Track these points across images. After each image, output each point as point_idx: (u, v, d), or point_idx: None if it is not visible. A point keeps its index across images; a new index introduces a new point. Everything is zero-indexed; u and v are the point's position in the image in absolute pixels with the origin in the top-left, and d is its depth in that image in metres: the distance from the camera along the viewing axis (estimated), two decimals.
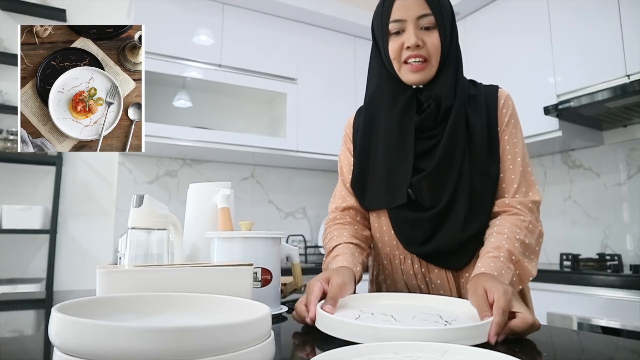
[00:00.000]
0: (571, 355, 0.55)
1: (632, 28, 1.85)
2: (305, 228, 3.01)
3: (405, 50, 0.86)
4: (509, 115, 0.90)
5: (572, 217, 2.38)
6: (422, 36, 0.85)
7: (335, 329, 0.55)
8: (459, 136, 0.86)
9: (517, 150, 0.88)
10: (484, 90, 0.93)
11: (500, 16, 2.45)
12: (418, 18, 0.84)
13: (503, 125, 0.89)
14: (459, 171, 0.86)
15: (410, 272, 0.91)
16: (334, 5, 2.78)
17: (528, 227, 0.82)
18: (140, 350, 0.32)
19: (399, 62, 0.87)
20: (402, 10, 0.85)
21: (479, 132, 0.87)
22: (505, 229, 0.81)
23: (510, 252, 0.76)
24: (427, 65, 0.86)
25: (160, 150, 2.48)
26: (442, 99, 0.86)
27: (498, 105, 0.90)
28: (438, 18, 0.85)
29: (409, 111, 0.89)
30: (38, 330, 0.71)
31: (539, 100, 2.08)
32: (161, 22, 2.38)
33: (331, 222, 0.98)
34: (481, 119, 0.88)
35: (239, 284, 0.58)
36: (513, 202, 0.85)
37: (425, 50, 0.85)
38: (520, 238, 0.79)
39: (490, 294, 0.61)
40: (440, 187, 0.86)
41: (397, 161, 0.89)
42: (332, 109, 2.78)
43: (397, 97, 0.90)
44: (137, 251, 0.78)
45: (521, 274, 0.78)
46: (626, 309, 1.55)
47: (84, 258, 2.36)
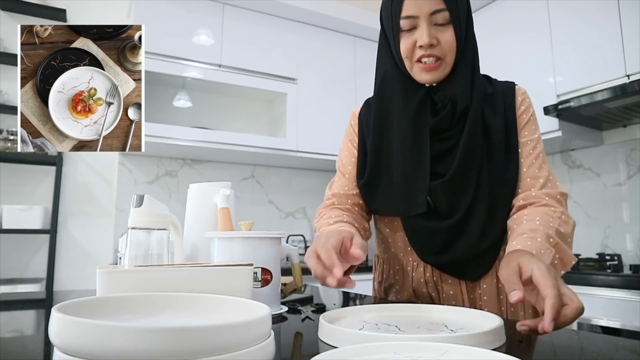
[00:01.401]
0: (571, 355, 0.55)
1: (632, 28, 1.85)
2: (305, 228, 3.01)
3: (418, 49, 0.80)
4: (528, 112, 0.86)
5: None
6: (436, 34, 0.78)
7: (338, 339, 0.53)
8: (477, 140, 0.81)
9: (538, 146, 0.84)
10: (500, 88, 0.88)
11: (500, 16, 2.45)
12: (432, 14, 0.78)
13: (523, 122, 0.85)
14: (477, 178, 0.81)
15: (421, 280, 0.87)
16: (334, 5, 2.78)
17: (561, 217, 0.76)
18: (140, 350, 0.32)
19: (411, 61, 0.82)
20: (414, 6, 0.78)
21: (497, 134, 0.83)
22: (537, 216, 0.74)
23: (548, 235, 0.69)
24: (441, 64, 0.80)
25: (160, 150, 2.48)
26: (457, 99, 0.81)
27: (516, 103, 0.86)
28: (453, 13, 0.78)
29: (423, 112, 0.83)
30: (38, 330, 0.71)
31: (539, 100, 2.08)
32: (161, 22, 2.38)
33: (329, 205, 0.92)
34: (499, 120, 0.83)
35: (239, 284, 0.58)
36: (540, 195, 0.80)
37: (439, 49, 0.79)
38: (554, 226, 0.73)
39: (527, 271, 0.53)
40: (459, 194, 0.81)
41: (414, 166, 0.84)
42: (332, 109, 2.78)
43: (409, 96, 0.84)
44: (137, 251, 0.78)
45: (562, 257, 0.70)
46: (626, 309, 1.55)
47: (84, 258, 2.36)
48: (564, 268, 0.71)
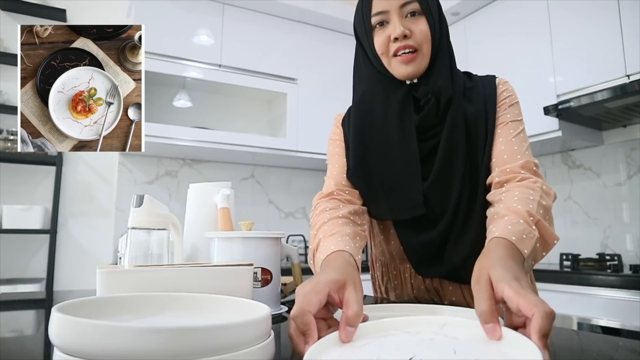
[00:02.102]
0: (571, 355, 0.55)
1: (632, 28, 1.85)
2: (305, 228, 3.01)
3: (392, 42, 0.79)
4: (511, 100, 0.83)
5: (572, 217, 2.38)
6: (408, 25, 0.78)
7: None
8: (458, 135, 0.79)
9: (520, 127, 0.81)
10: (480, 81, 0.85)
11: (500, 16, 2.45)
12: (401, 6, 0.78)
13: (505, 107, 0.82)
14: (462, 174, 0.79)
15: (421, 287, 0.86)
16: (334, 5, 2.78)
17: (542, 187, 0.72)
18: (140, 350, 0.32)
19: (388, 56, 0.80)
20: (383, 1, 0.79)
21: (477, 125, 0.81)
22: (515, 192, 0.70)
23: (529, 212, 0.64)
24: (419, 55, 0.78)
25: (160, 150, 2.48)
26: (440, 91, 0.79)
27: (497, 92, 0.83)
28: (423, 3, 0.78)
29: (407, 110, 0.81)
30: (38, 330, 0.71)
31: (539, 100, 2.08)
32: (161, 22, 2.38)
33: (326, 195, 0.85)
34: (479, 112, 0.81)
35: (239, 284, 0.58)
36: (515, 167, 0.75)
37: (414, 40, 0.78)
38: (535, 199, 0.68)
39: (498, 292, 0.46)
40: (445, 196, 0.79)
41: (401, 170, 0.81)
42: (332, 109, 2.74)
43: (391, 96, 0.82)
44: (137, 251, 0.78)
45: (545, 236, 0.65)
46: (626, 309, 1.55)
47: (84, 258, 2.36)
48: (546, 248, 0.67)
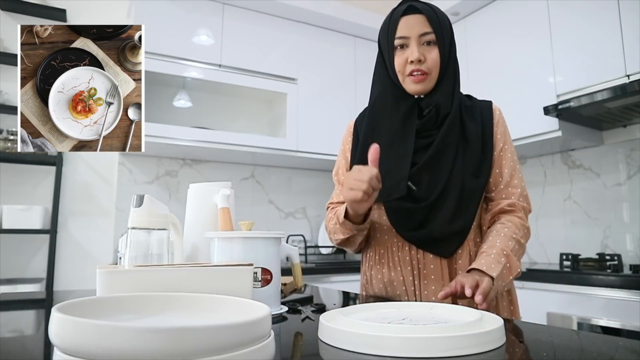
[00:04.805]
0: (571, 355, 0.55)
1: (632, 28, 1.85)
2: (305, 228, 3.01)
3: (408, 64, 0.97)
4: (504, 128, 1.04)
5: (572, 217, 2.38)
6: (423, 52, 0.96)
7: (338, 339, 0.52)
8: (452, 138, 0.98)
9: (515, 158, 1.03)
10: (478, 103, 1.05)
11: (500, 16, 2.45)
12: (420, 35, 0.96)
13: (503, 138, 1.02)
14: (451, 168, 0.96)
15: (407, 258, 1.00)
16: (334, 5, 2.78)
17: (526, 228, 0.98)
18: (140, 350, 0.32)
19: (403, 74, 0.98)
20: (406, 28, 0.97)
21: (474, 138, 0.99)
22: (505, 228, 0.95)
23: (506, 246, 0.91)
24: (428, 77, 0.97)
25: (160, 150, 2.48)
26: (440, 106, 0.98)
27: (493, 118, 1.03)
28: (438, 36, 0.96)
29: (411, 116, 1.00)
30: (38, 330, 0.71)
31: (539, 100, 2.08)
32: (161, 22, 2.38)
33: (336, 204, 1.08)
34: (476, 127, 1.01)
35: (239, 284, 0.58)
36: (519, 206, 0.99)
37: (426, 65, 0.96)
38: (517, 237, 0.94)
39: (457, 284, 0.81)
40: (433, 180, 0.96)
41: (398, 158, 0.98)
42: (332, 109, 2.78)
43: (400, 103, 1.01)
44: (137, 251, 0.78)
45: (511, 266, 0.91)
46: (626, 309, 1.55)
47: (84, 258, 2.36)
48: (511, 274, 0.90)
